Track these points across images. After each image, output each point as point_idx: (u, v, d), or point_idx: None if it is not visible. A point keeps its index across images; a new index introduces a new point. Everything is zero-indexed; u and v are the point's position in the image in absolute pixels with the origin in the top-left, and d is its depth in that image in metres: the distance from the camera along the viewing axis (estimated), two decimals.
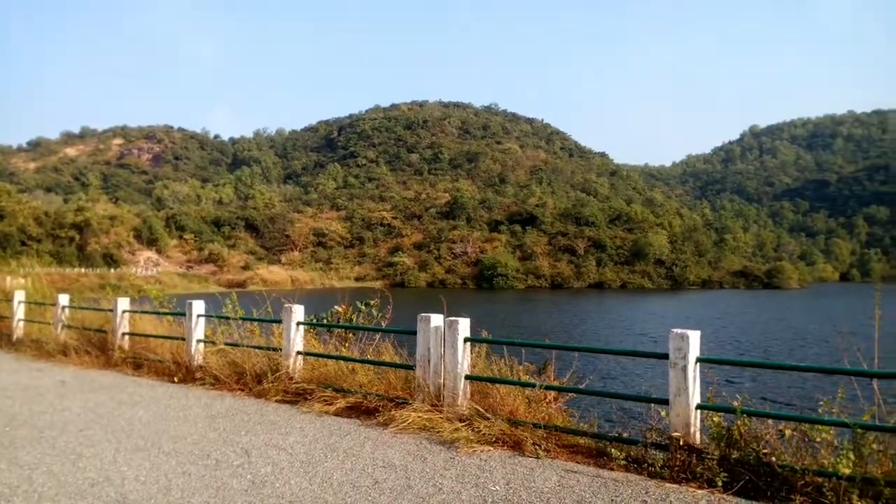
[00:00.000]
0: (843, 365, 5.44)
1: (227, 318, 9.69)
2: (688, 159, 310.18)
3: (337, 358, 8.20)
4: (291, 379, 8.07)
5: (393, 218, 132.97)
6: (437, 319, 6.81)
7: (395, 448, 5.75)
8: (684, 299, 74.97)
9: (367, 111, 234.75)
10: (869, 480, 4.26)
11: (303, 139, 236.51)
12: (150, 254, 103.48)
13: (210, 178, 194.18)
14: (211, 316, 9.98)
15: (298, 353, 8.36)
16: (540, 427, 5.78)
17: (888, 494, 4.15)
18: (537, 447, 5.53)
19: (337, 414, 7.04)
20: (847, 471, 4.28)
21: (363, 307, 10.27)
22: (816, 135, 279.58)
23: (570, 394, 6.56)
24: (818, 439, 4.77)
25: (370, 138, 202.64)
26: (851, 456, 4.43)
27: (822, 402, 4.87)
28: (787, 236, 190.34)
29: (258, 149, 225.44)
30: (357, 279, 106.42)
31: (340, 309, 10.24)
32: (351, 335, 9.12)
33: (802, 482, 4.48)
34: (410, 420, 6.35)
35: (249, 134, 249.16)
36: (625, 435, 5.70)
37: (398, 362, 7.63)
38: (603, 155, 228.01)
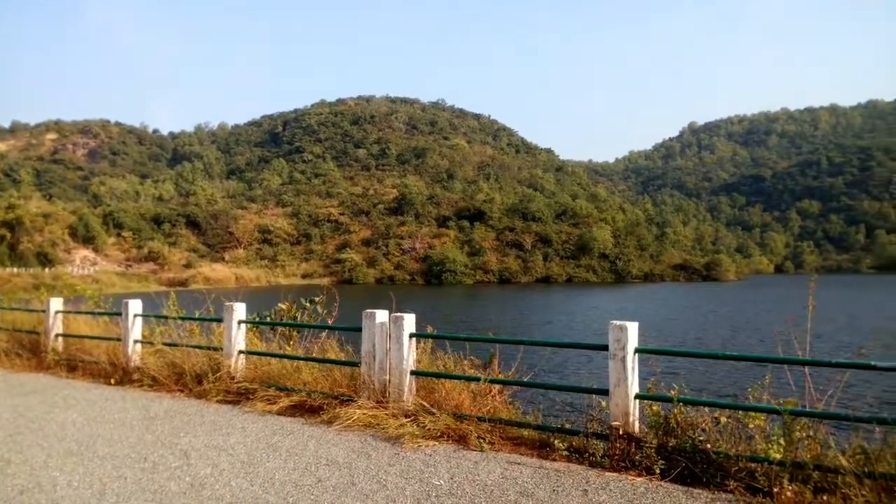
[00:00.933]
0: (777, 354, 5.66)
1: (166, 317, 9.44)
2: (630, 155, 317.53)
3: (280, 356, 8.09)
4: (233, 378, 7.91)
5: (340, 214, 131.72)
6: (382, 315, 6.78)
7: (339, 446, 5.70)
8: (627, 292, 76.73)
9: (312, 106, 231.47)
10: (799, 465, 4.42)
11: (246, 134, 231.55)
12: (86, 252, 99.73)
13: (149, 174, 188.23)
14: (148, 315, 9.73)
15: (240, 352, 8.20)
16: (485, 420, 5.83)
17: (817, 478, 4.33)
18: (482, 440, 5.58)
19: (280, 413, 6.94)
20: (778, 456, 4.45)
21: (308, 304, 10.15)
22: (752, 131, 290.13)
23: (515, 387, 6.64)
24: (751, 426, 4.94)
25: (316, 133, 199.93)
26: (782, 441, 4.61)
27: (753, 390, 5.05)
28: (725, 230, 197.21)
29: (200, 144, 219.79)
30: (304, 276, 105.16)
31: (284, 306, 10.09)
32: (295, 333, 9.01)
33: (736, 468, 4.63)
34: (355, 417, 6.31)
35: (190, 128, 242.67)
36: (567, 426, 5.80)
37: (343, 359, 7.57)
38: (549, 151, 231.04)
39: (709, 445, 4.79)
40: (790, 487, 4.22)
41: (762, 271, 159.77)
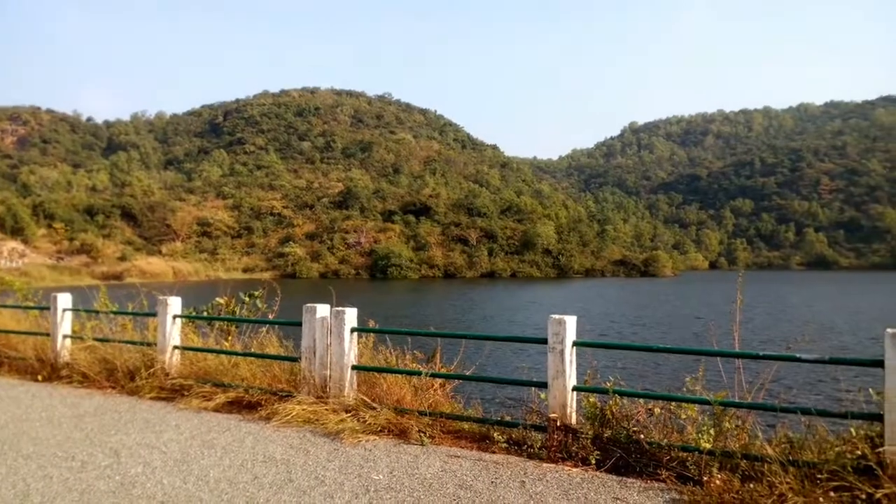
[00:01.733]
0: (710, 346, 5.86)
1: (97, 311, 9.10)
2: (573, 153, 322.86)
3: (217, 352, 7.93)
4: (168, 375, 7.69)
5: (284, 207, 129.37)
6: (323, 310, 6.70)
7: (277, 442, 5.61)
8: (569, 287, 78.16)
9: (255, 96, 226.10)
10: (727, 454, 4.58)
11: (185, 123, 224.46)
12: (14, 244, 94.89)
13: (82, 163, 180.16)
14: (79, 310, 9.35)
15: (175, 347, 7.98)
16: (426, 414, 5.84)
17: (744, 466, 4.49)
18: (422, 434, 5.58)
19: (217, 410, 6.80)
20: (708, 445, 4.60)
21: (247, 299, 9.97)
22: (689, 132, 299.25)
23: (457, 381, 6.68)
24: (683, 417, 5.10)
25: (258, 124, 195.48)
26: (712, 432, 4.77)
27: (686, 381, 5.21)
28: (663, 227, 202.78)
29: (136, 133, 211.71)
30: (245, 270, 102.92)
31: (223, 301, 9.89)
32: (234, 328, 8.84)
33: (668, 457, 4.77)
34: (295, 413, 6.23)
35: (126, 117, 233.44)
36: (507, 419, 5.87)
37: (283, 355, 7.46)
38: (494, 147, 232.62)
39: (642, 436, 4.93)
40: (719, 476, 4.37)
41: (697, 267, 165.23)
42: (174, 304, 8.02)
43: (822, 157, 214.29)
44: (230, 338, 8.65)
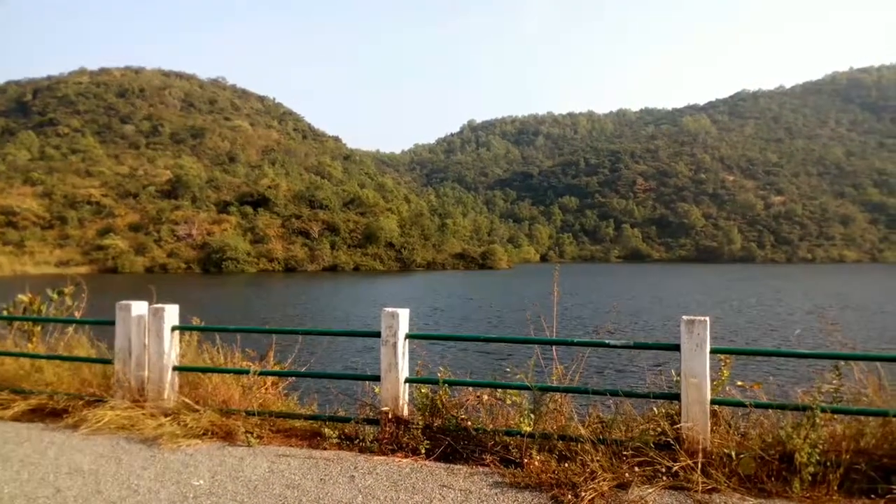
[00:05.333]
0: (531, 335, 6.18)
1: None
2: (415, 148, 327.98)
3: (17, 355, 7.10)
4: None
5: (103, 196, 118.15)
6: (139, 307, 6.21)
7: (85, 451, 5.13)
8: (410, 280, 79.37)
9: (70, 73, 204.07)
10: (546, 436, 4.87)
11: None
12: None
13: None
14: None
15: None
16: (254, 414, 5.62)
17: (561, 447, 4.79)
18: (249, 435, 5.37)
19: (15, 419, 6.11)
20: (528, 428, 4.87)
21: (55, 296, 9.00)
22: (523, 132, 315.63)
23: (290, 378, 6.50)
24: (509, 402, 5.35)
25: (74, 104, 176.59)
26: (532, 416, 5.06)
27: (507, 369, 5.47)
28: (499, 222, 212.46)
29: None
30: (59, 264, 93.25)
31: (26, 298, 8.85)
32: (38, 329, 7.94)
33: (493, 442, 4.98)
34: (107, 419, 5.72)
35: None
36: (340, 413, 5.82)
37: (94, 356, 6.83)
38: (337, 139, 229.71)
39: (469, 423, 5.10)
40: (538, 457, 4.62)
41: (530, 260, 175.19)
42: None
43: (637, 160, 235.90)
44: (34, 339, 7.78)
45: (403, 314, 5.53)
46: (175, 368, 6.11)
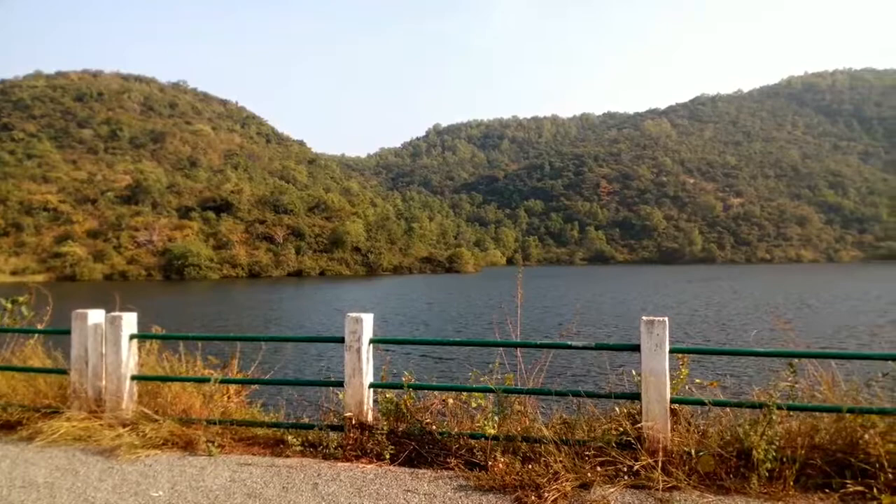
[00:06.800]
0: (495, 338, 6.20)
1: None
2: (381, 152, 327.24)
3: None
4: None
5: (60, 202, 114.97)
6: (96, 315, 6.06)
7: (39, 464, 4.98)
8: (376, 285, 79.02)
9: (24, 77, 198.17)
10: (510, 438, 4.87)
11: None
12: None
13: None
14: None
15: None
16: (215, 423, 5.53)
17: (525, 449, 4.81)
18: (210, 444, 5.27)
19: None
20: (493, 431, 4.88)
21: (10, 305, 8.72)
22: (488, 136, 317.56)
23: (254, 386, 6.41)
24: (475, 405, 5.36)
25: (29, 109, 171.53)
26: (496, 418, 5.07)
27: (471, 372, 5.48)
28: (465, 225, 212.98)
29: None
30: (14, 273, 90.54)
31: None
32: None
33: (458, 445, 4.97)
34: (63, 431, 5.56)
35: None
36: (304, 420, 5.76)
37: (50, 367, 6.64)
38: (301, 143, 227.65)
39: (434, 427, 5.09)
40: (502, 459, 4.63)
41: (496, 263, 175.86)
42: None
43: (601, 163, 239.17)
44: None
45: (367, 319, 5.50)
46: (134, 378, 5.98)
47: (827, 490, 4.10)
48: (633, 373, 5.03)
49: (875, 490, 3.99)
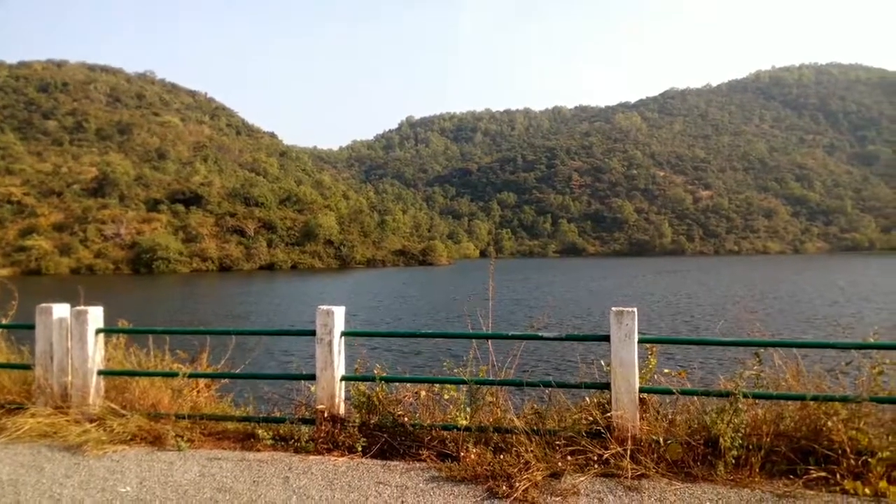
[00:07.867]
0: (467, 330, 6.21)
1: None
2: (353, 144, 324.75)
3: None
4: None
5: (24, 194, 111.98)
6: (61, 310, 5.95)
7: (3, 461, 4.88)
8: (349, 278, 78.67)
9: None
10: (482, 429, 4.90)
11: None
12: None
13: None
14: None
15: None
16: (184, 417, 5.47)
17: (497, 439, 4.85)
18: (180, 439, 5.22)
19: None
20: (465, 422, 4.90)
21: None
22: (461, 128, 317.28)
23: (224, 380, 6.34)
24: (446, 397, 5.37)
25: None
26: (468, 409, 5.09)
27: (444, 364, 5.49)
28: (439, 218, 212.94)
29: None
30: None
31: None
32: None
33: (430, 437, 4.99)
34: (27, 427, 5.47)
35: None
36: (276, 414, 5.72)
37: (14, 362, 6.50)
38: (272, 135, 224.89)
39: (406, 419, 5.10)
40: (474, 450, 4.66)
41: (469, 256, 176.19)
42: None
43: (573, 156, 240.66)
44: None
45: (339, 311, 5.48)
46: (100, 373, 5.88)
47: (792, 476, 4.19)
48: (603, 363, 5.09)
49: (838, 476, 4.09)
